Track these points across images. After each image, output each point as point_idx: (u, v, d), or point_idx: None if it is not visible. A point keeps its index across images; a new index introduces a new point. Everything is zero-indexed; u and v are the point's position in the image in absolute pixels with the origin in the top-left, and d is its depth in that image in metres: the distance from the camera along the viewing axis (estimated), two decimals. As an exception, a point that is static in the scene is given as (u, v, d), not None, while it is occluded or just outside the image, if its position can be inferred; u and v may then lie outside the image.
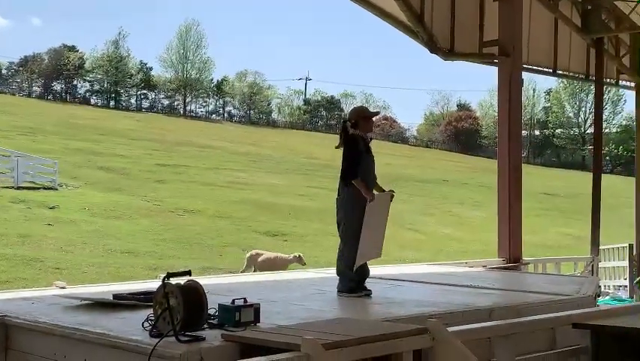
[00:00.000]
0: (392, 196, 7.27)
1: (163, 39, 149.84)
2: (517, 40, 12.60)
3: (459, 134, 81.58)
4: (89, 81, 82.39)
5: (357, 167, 7.00)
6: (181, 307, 4.43)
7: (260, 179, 40.71)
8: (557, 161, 79.03)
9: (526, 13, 13.90)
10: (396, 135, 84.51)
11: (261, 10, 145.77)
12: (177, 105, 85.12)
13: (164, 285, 4.54)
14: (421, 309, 6.13)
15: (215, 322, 4.85)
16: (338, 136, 7.28)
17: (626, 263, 17.10)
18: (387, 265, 10.95)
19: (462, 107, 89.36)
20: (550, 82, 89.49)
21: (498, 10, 12.67)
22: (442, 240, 29.91)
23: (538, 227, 32.50)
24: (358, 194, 6.92)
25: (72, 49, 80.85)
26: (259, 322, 4.94)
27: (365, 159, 7.08)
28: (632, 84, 17.63)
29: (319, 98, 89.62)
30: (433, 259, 18.02)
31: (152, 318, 4.65)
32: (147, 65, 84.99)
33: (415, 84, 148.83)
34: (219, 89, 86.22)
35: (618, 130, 77.07)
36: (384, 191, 7.26)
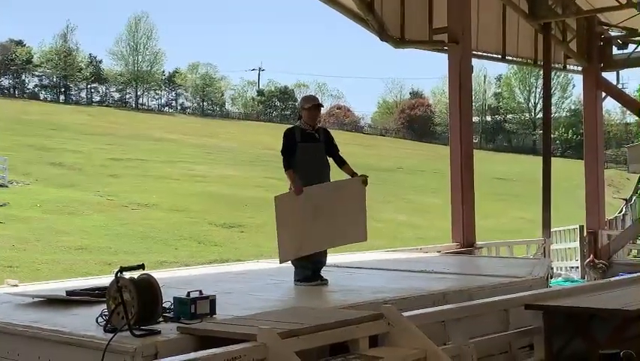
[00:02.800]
0: (365, 181, 7.31)
1: (112, 32, 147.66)
2: (466, 27, 12.74)
3: (413, 121, 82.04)
4: (38, 76, 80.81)
5: (288, 158, 7.12)
6: (135, 302, 4.41)
7: (215, 171, 40.49)
8: (509, 146, 80.00)
9: (475, 1, 14.04)
10: (351, 124, 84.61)
11: (210, 1, 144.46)
12: (129, 98, 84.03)
13: (117, 279, 4.51)
14: (377, 295, 6.19)
15: (170, 315, 4.84)
16: None
17: (577, 245, 17.46)
18: (343, 253, 11.01)
19: (415, 94, 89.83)
20: (501, 68, 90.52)
21: (447, -3, 12.77)
22: (398, 227, 30.13)
23: (493, 212, 32.97)
24: (295, 184, 7.06)
25: (19, 43, 79.19)
26: (215, 314, 4.94)
27: (301, 149, 7.15)
28: (580, 68, 17.95)
29: (273, 89, 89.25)
30: (390, 246, 18.11)
31: (106, 313, 4.62)
32: (97, 59, 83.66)
33: (368, 73, 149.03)
34: (171, 81, 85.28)
35: (568, 114, 78.37)
36: (355, 175, 7.32)
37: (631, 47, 17.40)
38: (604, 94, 17.81)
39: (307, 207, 6.97)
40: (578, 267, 17.27)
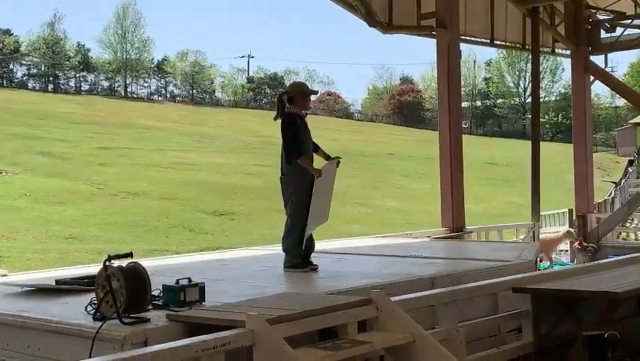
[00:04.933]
0: (338, 163, 7.33)
1: (100, 20, 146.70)
2: (454, 12, 12.73)
3: (402, 107, 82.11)
4: (26, 65, 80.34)
5: (299, 146, 7.04)
6: (124, 290, 4.42)
7: (205, 159, 40.42)
8: (499, 131, 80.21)
9: (463, -15, 14.01)
10: (341, 110, 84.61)
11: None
12: (118, 87, 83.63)
13: (105, 268, 4.51)
14: (366, 281, 6.21)
15: (160, 303, 4.84)
16: (276, 108, 7.32)
17: (566, 228, 17.54)
18: (333, 240, 11.04)
19: (405, 80, 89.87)
20: (491, 53, 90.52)
21: (435, -18, 12.75)
22: (388, 213, 30.21)
23: (483, 196, 33.10)
24: (303, 172, 6.96)
25: (6, 32, 78.65)
26: (204, 301, 4.95)
27: (303, 136, 7.12)
28: (568, 52, 17.97)
29: (262, 76, 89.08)
30: (380, 231, 18.16)
31: (95, 302, 4.62)
32: (85, 47, 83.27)
33: (358, 59, 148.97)
34: (160, 69, 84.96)
35: (558, 98, 78.55)
36: (330, 158, 7.31)
37: (619, 30, 17.44)
38: (592, 77, 17.84)
39: (318, 191, 7.01)
40: (567, 250, 17.37)
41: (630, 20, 17.15)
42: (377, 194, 34.86)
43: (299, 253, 7.14)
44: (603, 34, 17.45)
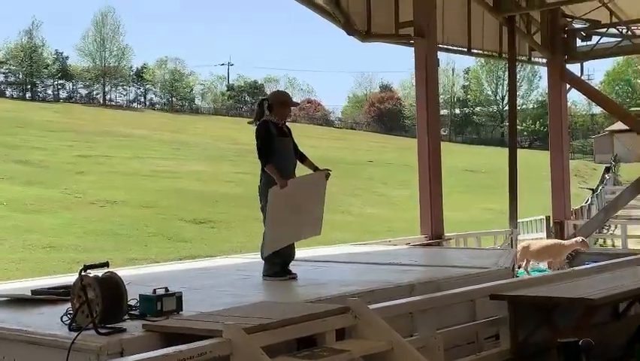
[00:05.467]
0: (328, 175, 7.32)
1: (79, 28, 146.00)
2: (432, 21, 12.82)
3: (382, 115, 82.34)
4: (4, 73, 79.68)
5: (268, 153, 7.03)
6: (99, 300, 4.39)
7: (185, 167, 40.27)
8: (478, 138, 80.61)
9: (440, -6, 14.12)
10: (321, 118, 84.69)
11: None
12: (96, 94, 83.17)
13: (81, 278, 4.48)
14: (344, 288, 6.21)
15: (136, 312, 4.81)
16: (255, 113, 7.33)
17: (544, 235, 17.68)
18: (312, 247, 11.03)
19: (384, 88, 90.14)
20: (469, 61, 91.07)
21: (412, -9, 12.83)
22: (368, 220, 30.25)
23: (462, 203, 33.21)
24: (274, 180, 6.95)
25: (-17, 40, 78.06)
26: (182, 310, 4.92)
27: (278, 143, 7.10)
28: (544, 60, 18.14)
29: (242, 84, 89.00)
30: (360, 239, 18.18)
31: (71, 312, 4.59)
32: (63, 55, 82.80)
33: (338, 67, 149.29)
34: (139, 76, 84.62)
35: (535, 106, 79.14)
36: (318, 170, 7.31)
37: (595, 38, 17.64)
38: (568, 86, 18.02)
39: (286, 202, 6.96)
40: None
41: (605, 29, 17.36)
42: (357, 201, 34.91)
43: (277, 262, 7.13)
44: (579, 42, 17.66)
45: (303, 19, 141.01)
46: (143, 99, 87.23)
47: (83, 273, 4.51)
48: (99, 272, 4.60)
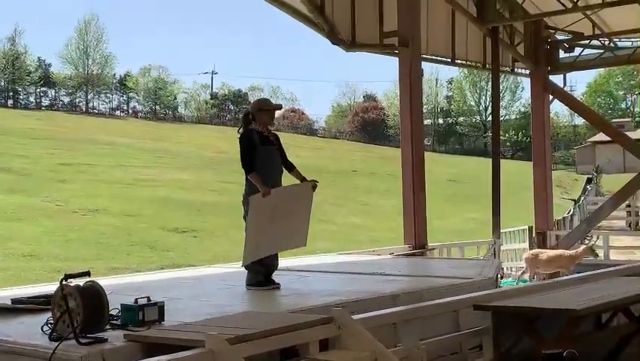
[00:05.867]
0: (315, 186, 7.30)
1: (62, 35, 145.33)
2: (416, 31, 12.87)
3: (366, 124, 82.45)
4: (-15, 80, 79.17)
5: (251, 161, 7.01)
6: (81, 309, 4.34)
7: (168, 175, 40.11)
8: (461, 148, 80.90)
9: (424, 4, 14.22)
10: (305, 127, 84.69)
11: (161, 3, 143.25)
12: (79, 102, 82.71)
13: (62, 287, 4.43)
14: (328, 298, 6.19)
15: (118, 322, 4.77)
16: (240, 125, 7.33)
17: (526, 245, 17.74)
18: (296, 257, 11.00)
19: (368, 97, 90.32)
20: (452, 71, 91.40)
21: (397, 1, 12.89)
22: (352, 229, 30.23)
23: (445, 213, 33.29)
24: (257, 188, 6.92)
25: (-35, 47, 77.45)
26: (164, 320, 4.88)
27: (262, 152, 7.09)
28: (527, 71, 18.25)
29: (226, 92, 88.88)
30: (344, 248, 18.16)
31: (52, 321, 4.54)
32: (46, 62, 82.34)
33: (322, 76, 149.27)
34: (122, 84, 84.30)
35: (518, 116, 79.59)
36: (305, 180, 7.28)
37: (577, 50, 17.79)
38: (551, 97, 18.15)
39: (268, 210, 6.93)
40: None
41: (588, 41, 17.51)
42: (341, 211, 34.89)
43: (261, 271, 7.10)
44: (562, 54, 17.79)
45: (287, 28, 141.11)
46: (126, 107, 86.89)
47: (64, 282, 4.46)
48: (80, 281, 4.56)
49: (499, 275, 10.02)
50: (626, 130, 43.12)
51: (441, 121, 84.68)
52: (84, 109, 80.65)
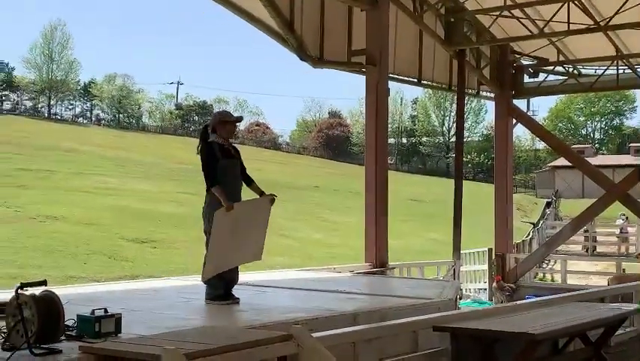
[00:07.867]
0: (273, 200, 7.25)
1: (26, 39, 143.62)
2: (384, 50, 12.96)
3: (330, 141, 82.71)
4: (-57, 82, 77.80)
5: (214, 174, 6.95)
6: (35, 319, 4.25)
7: (128, 185, 39.70)
8: (423, 168, 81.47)
9: (393, 25, 14.32)
10: (269, 142, 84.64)
11: (129, 11, 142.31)
12: (41, 108, 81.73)
13: (17, 295, 4.33)
14: (287, 315, 6.15)
15: (73, 333, 4.69)
16: (199, 140, 7.24)
17: (486, 267, 17.89)
18: (255, 272, 10.94)
19: (334, 114, 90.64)
20: (417, 91, 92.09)
21: (365, 20, 12.97)
22: (312, 245, 30.18)
23: (405, 232, 33.42)
24: (219, 202, 6.86)
25: None
26: (120, 332, 4.81)
27: (223, 164, 7.03)
28: (492, 95, 18.47)
29: (191, 103, 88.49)
30: (304, 264, 18.14)
31: (5, 331, 4.43)
32: (9, 66, 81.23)
33: (289, 91, 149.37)
34: (87, 91, 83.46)
35: (480, 138, 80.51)
36: (264, 194, 7.23)
37: (541, 75, 18.06)
38: (515, 120, 18.37)
39: (230, 225, 6.87)
40: (486, 289, 17.68)
41: (553, 67, 17.80)
42: (301, 226, 34.83)
43: (221, 285, 7.03)
44: (526, 78, 18.04)
45: (257, 42, 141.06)
46: (89, 114, 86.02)
47: (19, 290, 4.36)
48: (36, 290, 4.46)
49: (458, 296, 10.06)
50: (586, 156, 43.90)
51: (405, 140, 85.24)
52: (46, 115, 79.65)
